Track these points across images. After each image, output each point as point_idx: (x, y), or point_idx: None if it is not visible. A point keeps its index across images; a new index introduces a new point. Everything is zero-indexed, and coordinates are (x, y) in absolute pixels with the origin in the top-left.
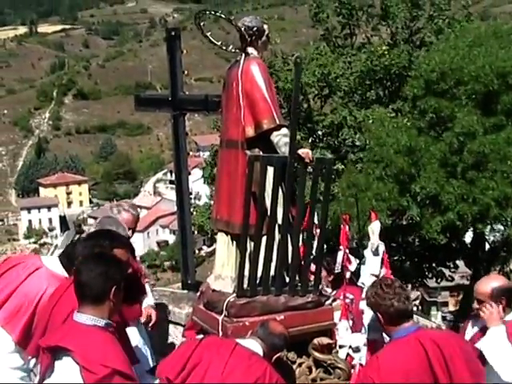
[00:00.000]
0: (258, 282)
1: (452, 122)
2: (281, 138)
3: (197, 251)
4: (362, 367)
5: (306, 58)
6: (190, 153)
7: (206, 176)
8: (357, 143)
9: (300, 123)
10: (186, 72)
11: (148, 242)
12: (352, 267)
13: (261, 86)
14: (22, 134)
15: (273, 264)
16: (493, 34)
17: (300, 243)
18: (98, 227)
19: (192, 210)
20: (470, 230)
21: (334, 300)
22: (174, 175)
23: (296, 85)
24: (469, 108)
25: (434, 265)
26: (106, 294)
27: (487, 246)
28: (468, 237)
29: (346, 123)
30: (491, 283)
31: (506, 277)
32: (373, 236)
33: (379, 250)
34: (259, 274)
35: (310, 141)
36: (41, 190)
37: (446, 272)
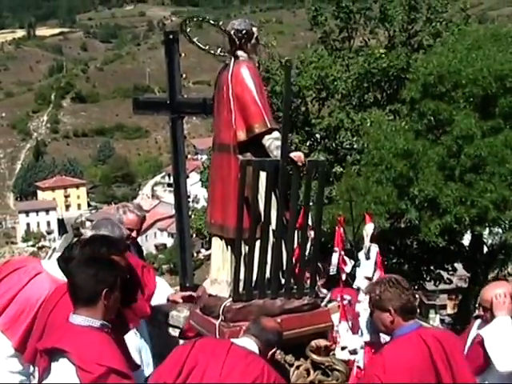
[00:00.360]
0: (253, 285)
1: (450, 125)
2: (272, 142)
3: (195, 254)
4: (364, 367)
5: (304, 61)
6: (189, 156)
7: (203, 180)
8: (354, 146)
9: (298, 126)
10: (184, 75)
11: (146, 245)
12: (347, 269)
13: (251, 90)
14: (20, 137)
15: (268, 267)
16: (491, 37)
17: (295, 246)
18: (94, 229)
19: (190, 213)
20: (469, 232)
21: (329, 301)
22: (172, 178)
23: (287, 88)
24: (467, 111)
25: (432, 268)
26: (98, 296)
27: (485, 249)
28: (466, 240)
29: (343, 126)
30: (497, 290)
31: (504, 280)
32: (366, 238)
33: (372, 252)
34: (254, 277)
35: (307, 144)
36: (39, 193)
37: (445, 275)
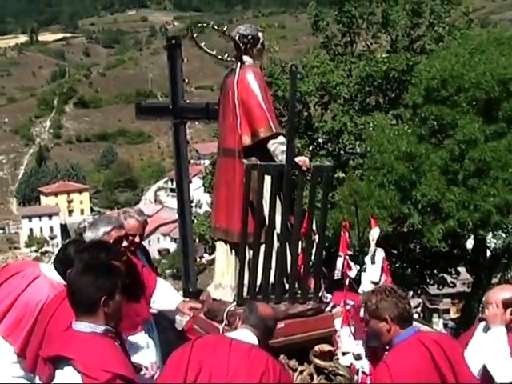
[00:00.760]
0: (257, 290)
1: (453, 129)
2: (277, 146)
3: (198, 259)
4: (370, 375)
5: (306, 66)
6: (191, 161)
7: (206, 185)
8: (357, 150)
9: (300, 131)
10: (186, 80)
11: (149, 250)
12: (352, 274)
13: (256, 94)
14: (22, 142)
15: (272, 272)
16: (494, 41)
17: (299, 251)
18: (92, 227)
19: (193, 218)
20: (472, 236)
21: (333, 306)
22: (175, 183)
23: (292, 93)
24: (470, 115)
25: (435, 271)
26: (97, 304)
27: (488, 253)
28: (469, 243)
29: (346, 129)
30: (502, 293)
31: (509, 284)
32: (372, 242)
33: (378, 256)
34: (259, 282)
35: (310, 149)
36: (42, 198)
37: (448, 278)
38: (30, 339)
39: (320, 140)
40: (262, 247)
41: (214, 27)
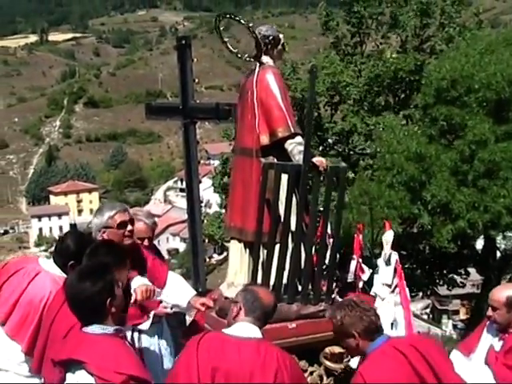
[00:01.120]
0: (270, 289)
1: (463, 129)
2: (295, 146)
3: (207, 259)
4: None
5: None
6: (201, 161)
7: (215, 185)
8: (367, 150)
9: None
10: (196, 80)
11: None
12: (365, 276)
13: (276, 95)
14: (32, 141)
15: (286, 272)
16: (504, 41)
17: (313, 252)
18: (97, 214)
19: (202, 218)
20: (481, 237)
21: None
22: (184, 183)
23: (311, 93)
24: (480, 116)
25: (445, 272)
26: (104, 307)
27: (498, 254)
28: (479, 244)
29: (356, 130)
30: (507, 291)
31: None
32: (386, 246)
33: (392, 259)
34: (272, 281)
35: (320, 149)
36: (51, 197)
37: (458, 279)
38: (36, 336)
39: (330, 140)
40: (277, 247)
41: (241, 21)
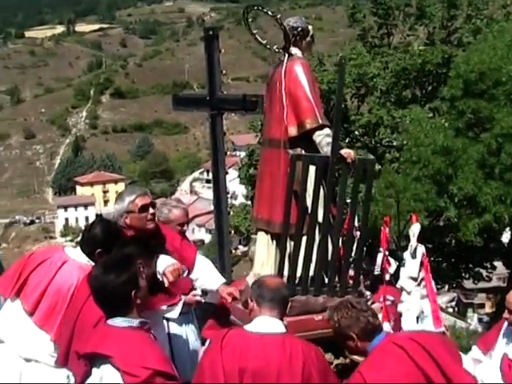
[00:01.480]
0: (297, 281)
1: (490, 122)
2: (323, 138)
3: (233, 251)
4: None
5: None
6: (228, 152)
7: (241, 176)
8: (394, 143)
9: None
10: (223, 71)
11: None
12: (391, 269)
13: (304, 86)
14: (59, 132)
15: (312, 264)
16: None
17: (340, 244)
18: (119, 200)
19: (228, 209)
20: (508, 229)
21: (372, 303)
22: (211, 174)
23: (339, 85)
24: (508, 108)
25: (470, 265)
26: (129, 299)
27: None
28: (505, 237)
29: (383, 123)
30: None
31: None
32: (412, 238)
33: (418, 252)
34: (298, 273)
35: (346, 141)
36: (78, 188)
37: (483, 272)
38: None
39: (356, 132)
40: (304, 239)
41: (269, 13)
